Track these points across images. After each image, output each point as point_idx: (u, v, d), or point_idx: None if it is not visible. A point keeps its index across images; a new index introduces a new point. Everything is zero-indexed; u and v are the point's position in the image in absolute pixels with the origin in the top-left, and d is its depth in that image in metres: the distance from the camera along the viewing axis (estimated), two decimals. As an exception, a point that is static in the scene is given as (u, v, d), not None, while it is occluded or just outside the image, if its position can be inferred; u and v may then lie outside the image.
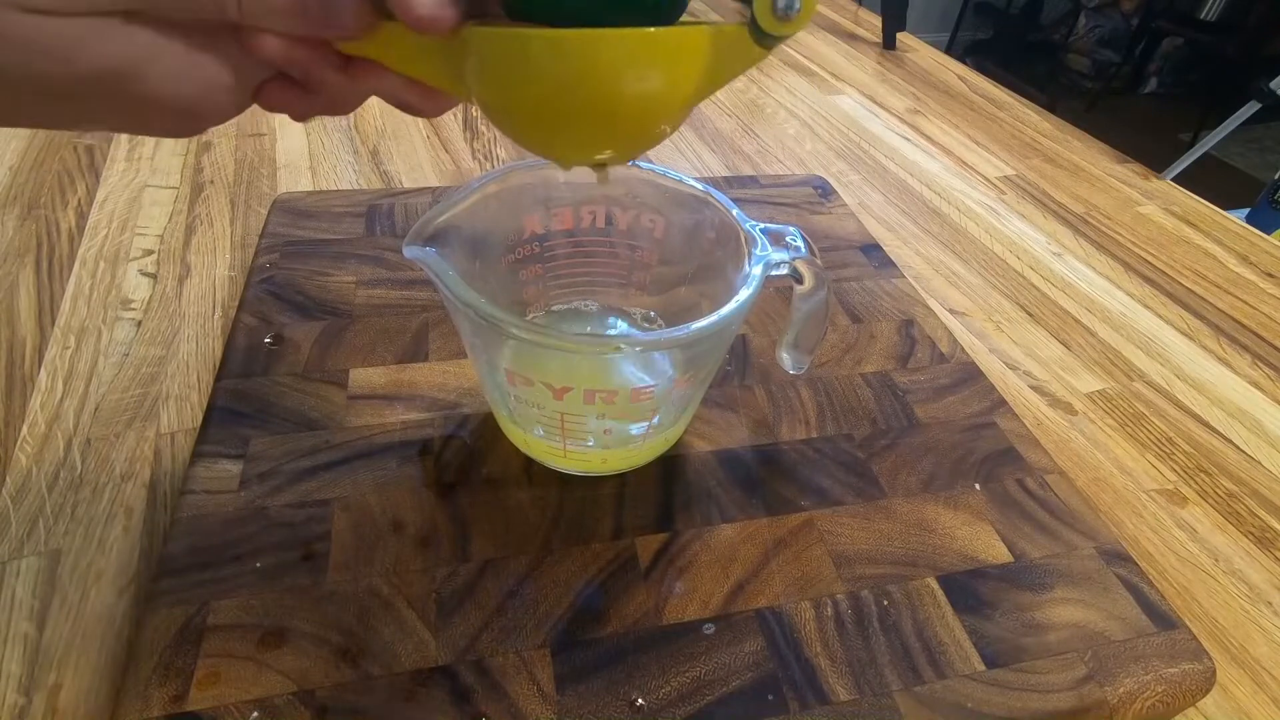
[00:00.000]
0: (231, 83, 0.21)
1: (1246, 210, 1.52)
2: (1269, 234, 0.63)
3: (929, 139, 0.72)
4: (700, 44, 0.20)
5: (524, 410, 0.30)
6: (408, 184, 0.56)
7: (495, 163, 0.61)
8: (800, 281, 0.30)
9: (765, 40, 0.20)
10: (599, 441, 0.31)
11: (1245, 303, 0.53)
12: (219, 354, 0.39)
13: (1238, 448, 0.42)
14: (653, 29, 0.19)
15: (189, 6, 0.19)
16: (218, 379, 0.35)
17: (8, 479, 0.33)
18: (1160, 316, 0.51)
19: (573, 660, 0.27)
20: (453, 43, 0.20)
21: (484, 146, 0.63)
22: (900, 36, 0.94)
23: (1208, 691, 0.29)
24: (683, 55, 0.20)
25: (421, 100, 0.24)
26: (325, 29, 0.20)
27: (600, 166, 0.27)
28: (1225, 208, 0.66)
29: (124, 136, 0.58)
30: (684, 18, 0.22)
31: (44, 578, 0.30)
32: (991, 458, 0.36)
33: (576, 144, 0.23)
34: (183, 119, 0.21)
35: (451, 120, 0.66)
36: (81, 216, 0.49)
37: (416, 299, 0.41)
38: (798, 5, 0.19)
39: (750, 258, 0.29)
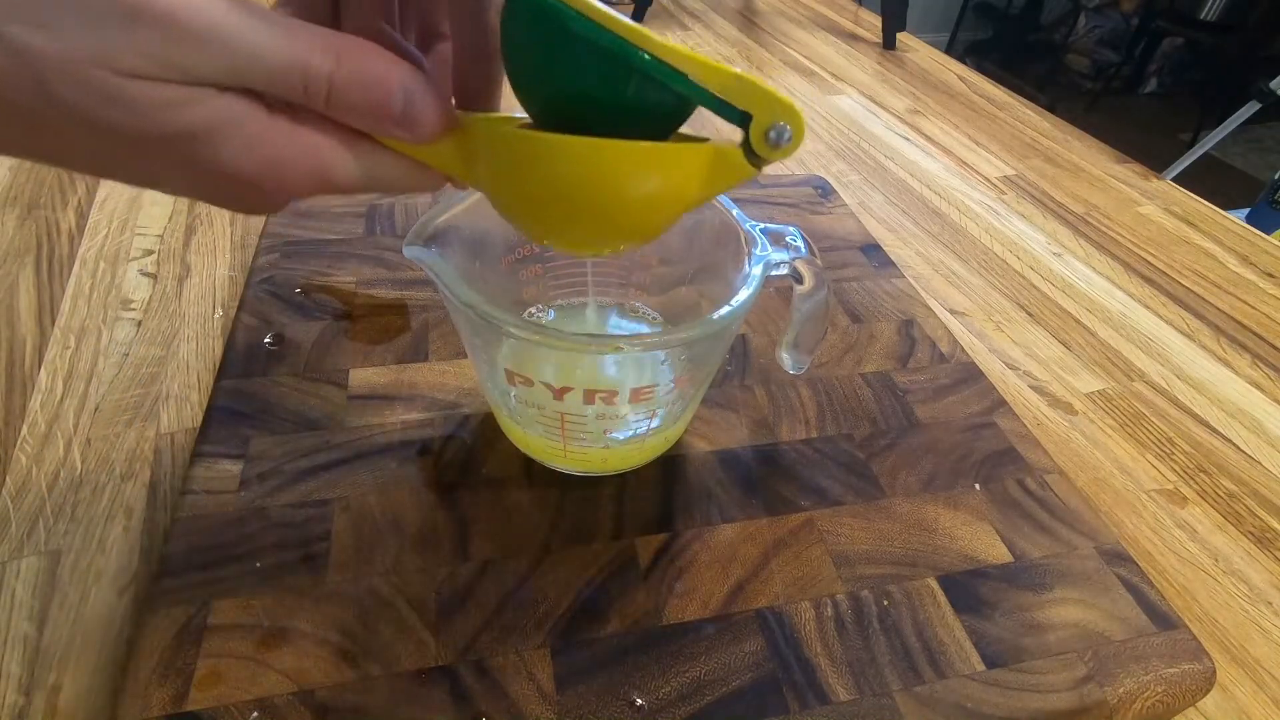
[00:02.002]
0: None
1: (1246, 210, 1.52)
2: (1269, 234, 0.63)
3: (929, 139, 0.72)
4: (698, 161, 0.21)
5: (524, 410, 0.30)
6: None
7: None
8: (800, 281, 0.30)
9: (757, 161, 0.21)
10: (599, 441, 0.31)
11: (1245, 303, 0.53)
12: (219, 354, 0.39)
13: (1238, 448, 0.42)
14: (656, 144, 0.20)
15: (278, 86, 0.18)
16: (218, 379, 0.35)
17: (8, 479, 0.33)
18: (1160, 316, 0.51)
19: (573, 660, 0.27)
20: (463, 131, 0.21)
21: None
22: (900, 36, 0.94)
23: (1208, 691, 0.29)
24: (680, 171, 0.21)
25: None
26: (405, 131, 0.20)
27: (594, 256, 0.30)
28: (1225, 208, 0.66)
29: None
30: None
31: (44, 578, 0.30)
32: (991, 458, 0.36)
33: (571, 242, 0.24)
34: (248, 193, 0.21)
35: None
36: (81, 216, 0.49)
37: (416, 299, 0.41)
38: (788, 136, 0.20)
39: (750, 258, 0.29)
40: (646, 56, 0.19)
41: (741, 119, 0.20)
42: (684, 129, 0.23)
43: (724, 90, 0.20)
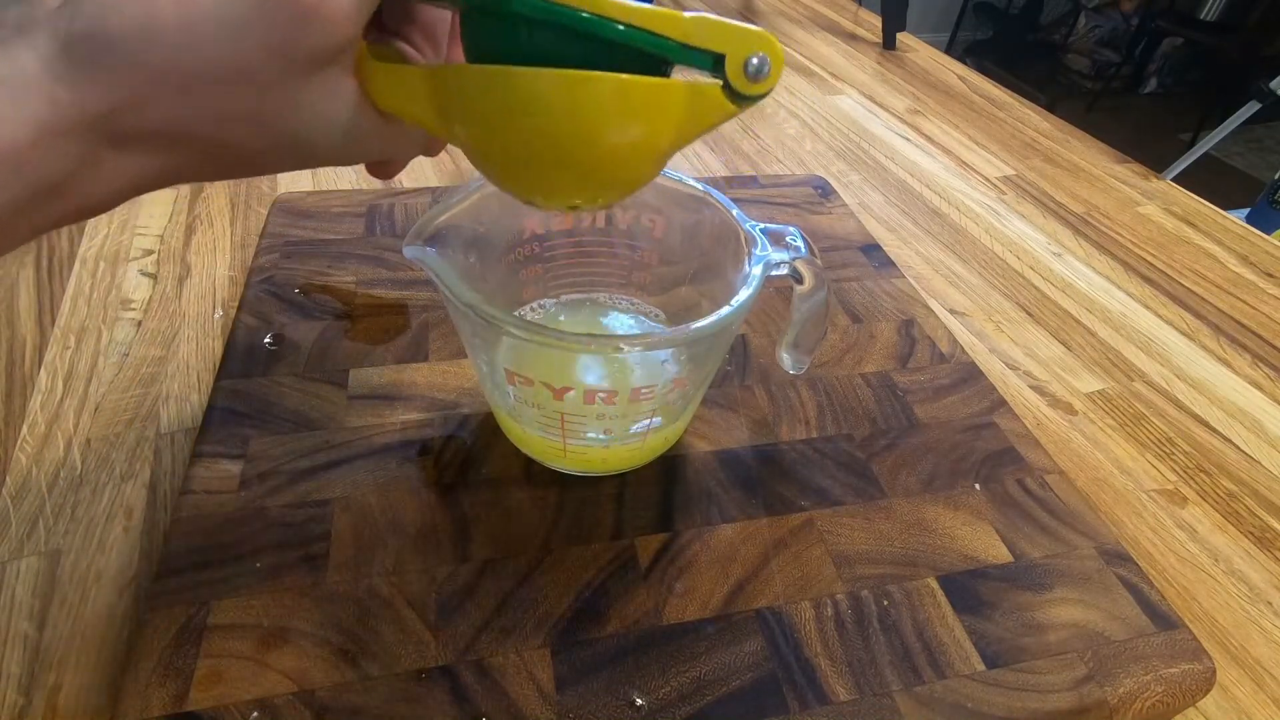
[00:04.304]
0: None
1: (1246, 210, 1.53)
2: (1269, 234, 0.63)
3: (929, 139, 0.72)
4: (677, 97, 0.21)
5: (524, 410, 0.30)
6: (408, 184, 0.56)
7: (495, 163, 0.61)
8: (800, 281, 0.30)
9: (737, 99, 0.21)
10: (599, 441, 0.31)
11: (1245, 303, 0.53)
12: (219, 354, 0.39)
13: (1238, 448, 0.42)
14: (633, 77, 0.20)
15: None
16: (218, 379, 0.35)
17: (8, 479, 0.33)
18: (1160, 316, 0.51)
19: (573, 660, 0.27)
20: (436, 80, 0.21)
21: (484, 146, 0.62)
22: (900, 36, 0.94)
23: (1208, 691, 0.29)
24: (660, 105, 0.21)
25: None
26: None
27: (574, 210, 0.29)
28: (1225, 208, 0.66)
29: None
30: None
31: (44, 578, 0.30)
32: (991, 458, 0.36)
33: (550, 188, 0.24)
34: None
35: (451, 120, 0.66)
36: (81, 216, 0.49)
37: (416, 299, 0.41)
38: (767, 68, 0.20)
39: (750, 258, 0.29)
40: (615, 25, 0.19)
41: (715, 62, 0.20)
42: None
43: (689, 37, 0.20)
